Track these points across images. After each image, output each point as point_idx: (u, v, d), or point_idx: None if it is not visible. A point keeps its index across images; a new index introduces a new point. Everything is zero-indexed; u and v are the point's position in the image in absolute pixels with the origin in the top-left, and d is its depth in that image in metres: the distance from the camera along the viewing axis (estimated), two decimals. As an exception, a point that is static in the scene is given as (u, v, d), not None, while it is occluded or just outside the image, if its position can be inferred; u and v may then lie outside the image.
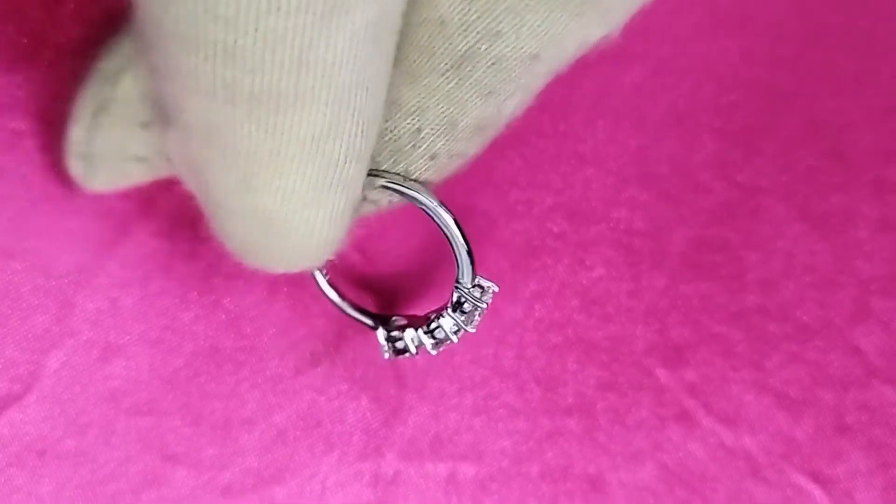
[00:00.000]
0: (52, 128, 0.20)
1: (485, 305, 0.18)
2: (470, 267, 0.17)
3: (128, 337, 0.20)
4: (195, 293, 0.21)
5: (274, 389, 0.21)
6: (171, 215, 0.21)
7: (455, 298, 0.18)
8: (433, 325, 0.18)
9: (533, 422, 0.21)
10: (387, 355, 0.19)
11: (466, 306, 0.18)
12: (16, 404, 0.20)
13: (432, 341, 0.19)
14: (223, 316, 0.21)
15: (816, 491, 0.21)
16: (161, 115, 0.15)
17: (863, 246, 0.22)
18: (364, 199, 0.17)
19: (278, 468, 0.20)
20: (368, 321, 0.20)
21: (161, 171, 0.17)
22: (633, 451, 0.21)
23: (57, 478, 0.20)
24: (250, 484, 0.20)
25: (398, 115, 0.16)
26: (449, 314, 0.18)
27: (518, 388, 0.21)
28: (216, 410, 0.20)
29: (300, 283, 0.21)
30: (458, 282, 0.18)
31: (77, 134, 0.17)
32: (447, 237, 0.17)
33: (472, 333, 0.18)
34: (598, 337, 0.21)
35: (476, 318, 0.18)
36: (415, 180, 0.16)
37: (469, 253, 0.17)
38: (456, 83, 0.15)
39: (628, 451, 0.21)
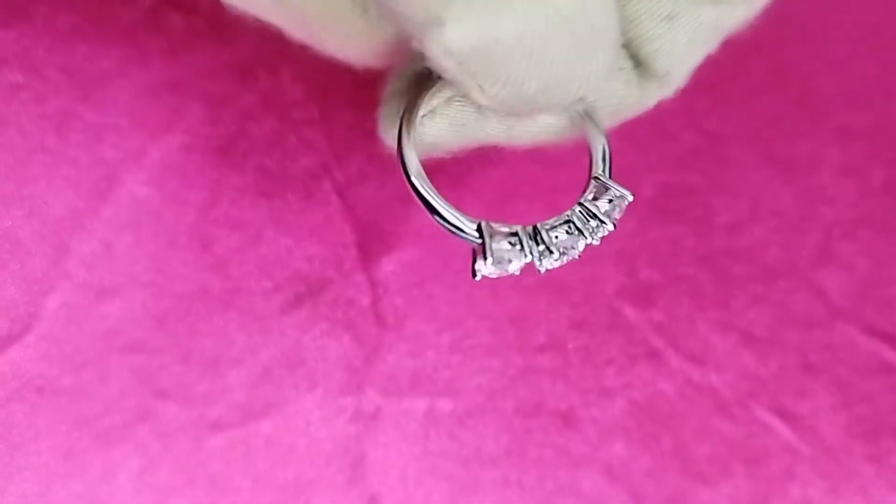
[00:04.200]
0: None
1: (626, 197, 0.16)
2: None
3: (121, 279, 0.21)
4: (184, 238, 0.21)
5: (260, 329, 0.21)
6: (162, 164, 0.21)
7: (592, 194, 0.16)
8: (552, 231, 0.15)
9: (507, 360, 0.21)
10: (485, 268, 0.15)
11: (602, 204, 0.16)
12: (16, 343, 0.20)
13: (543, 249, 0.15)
14: (211, 259, 0.21)
15: (781, 427, 0.21)
16: None
17: (826, 190, 0.22)
18: None
19: (264, 404, 0.21)
20: (469, 227, 0.15)
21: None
22: (604, 388, 0.21)
23: (55, 413, 0.20)
24: (237, 418, 0.21)
25: None
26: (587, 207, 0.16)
27: (493, 328, 0.22)
28: (205, 349, 0.21)
29: (285, 227, 0.22)
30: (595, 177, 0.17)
31: (387, 105, 0.18)
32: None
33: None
34: (569, 279, 0.22)
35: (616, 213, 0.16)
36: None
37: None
38: None
39: (599, 387, 0.21)
